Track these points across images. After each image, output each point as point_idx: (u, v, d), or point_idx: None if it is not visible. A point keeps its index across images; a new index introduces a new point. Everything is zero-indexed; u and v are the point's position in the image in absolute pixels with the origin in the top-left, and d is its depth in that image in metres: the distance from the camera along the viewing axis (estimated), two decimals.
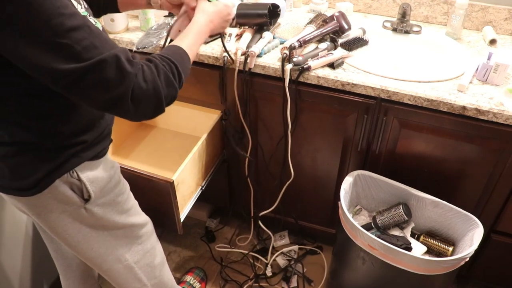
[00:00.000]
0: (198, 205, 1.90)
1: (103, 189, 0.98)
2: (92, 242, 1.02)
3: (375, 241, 1.20)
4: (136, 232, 1.11)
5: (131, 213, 1.09)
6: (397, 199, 1.41)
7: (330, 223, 1.74)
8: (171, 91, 0.85)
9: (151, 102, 0.81)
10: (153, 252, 1.18)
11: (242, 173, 1.70)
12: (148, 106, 0.81)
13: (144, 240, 1.14)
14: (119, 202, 1.04)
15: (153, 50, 1.46)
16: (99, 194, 0.97)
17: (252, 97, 1.47)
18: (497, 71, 1.26)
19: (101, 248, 1.04)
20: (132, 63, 0.77)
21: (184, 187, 1.42)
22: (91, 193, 0.94)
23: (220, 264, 1.83)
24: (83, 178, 0.92)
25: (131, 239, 1.10)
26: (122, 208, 1.05)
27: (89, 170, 0.94)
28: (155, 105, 0.82)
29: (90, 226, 1.00)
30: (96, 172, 0.96)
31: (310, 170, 1.59)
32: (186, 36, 0.98)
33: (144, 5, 1.19)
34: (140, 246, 1.13)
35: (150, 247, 1.16)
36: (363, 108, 1.34)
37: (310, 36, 1.37)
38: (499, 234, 1.46)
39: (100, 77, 0.73)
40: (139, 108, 0.79)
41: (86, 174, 0.93)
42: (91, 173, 0.94)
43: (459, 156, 1.33)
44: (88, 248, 1.03)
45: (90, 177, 0.94)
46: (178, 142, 1.78)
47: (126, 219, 1.06)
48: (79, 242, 1.01)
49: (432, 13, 1.63)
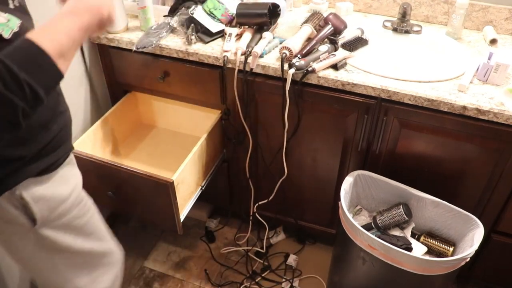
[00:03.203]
0: (198, 205, 1.90)
1: (55, 209, 0.87)
2: (46, 267, 0.93)
3: (375, 241, 1.20)
4: (97, 261, 1.01)
5: (93, 238, 0.98)
6: (397, 199, 1.41)
7: (330, 223, 1.74)
8: (4, 106, 0.61)
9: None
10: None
11: (242, 173, 1.70)
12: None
13: (104, 272, 1.03)
14: (77, 226, 0.93)
15: (153, 50, 1.46)
16: (50, 215, 0.87)
17: (252, 96, 1.47)
18: (498, 71, 1.26)
19: (57, 276, 0.95)
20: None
21: (184, 187, 1.42)
22: (35, 214, 0.84)
23: (220, 264, 1.83)
24: (26, 196, 0.82)
25: (90, 269, 1.00)
26: (80, 232, 0.94)
27: (34, 188, 0.83)
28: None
29: (43, 250, 0.90)
30: (43, 190, 0.84)
31: (310, 170, 1.59)
32: (50, 22, 0.71)
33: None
34: (100, 277, 1.02)
35: (109, 283, 1.05)
36: (363, 108, 1.34)
37: (308, 47, 1.36)
38: (500, 234, 1.46)
39: None
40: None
41: (30, 192, 0.82)
42: (36, 191, 0.83)
43: (460, 156, 1.33)
44: (43, 273, 0.94)
45: (35, 195, 0.83)
46: (178, 142, 1.78)
47: (84, 244, 0.96)
48: (34, 267, 0.92)
49: (432, 13, 1.63)
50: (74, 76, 1.57)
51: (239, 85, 1.44)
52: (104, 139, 1.63)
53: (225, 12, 1.50)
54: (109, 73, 1.68)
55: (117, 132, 1.71)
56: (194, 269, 1.82)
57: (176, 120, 1.80)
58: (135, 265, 1.84)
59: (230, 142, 1.64)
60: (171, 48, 1.45)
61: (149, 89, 1.64)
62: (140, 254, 1.88)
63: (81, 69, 1.59)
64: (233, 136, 1.61)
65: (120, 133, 1.73)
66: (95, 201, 1.36)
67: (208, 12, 1.48)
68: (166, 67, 1.52)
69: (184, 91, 1.56)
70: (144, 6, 1.48)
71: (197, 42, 1.47)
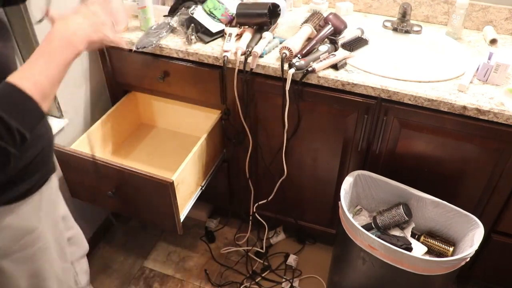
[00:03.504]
0: (198, 205, 1.90)
1: (18, 240, 0.81)
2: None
3: (376, 241, 1.20)
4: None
5: (46, 278, 0.90)
6: (398, 199, 1.41)
7: (330, 223, 1.74)
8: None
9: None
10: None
11: (242, 173, 1.70)
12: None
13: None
14: (37, 262, 0.86)
15: (153, 50, 1.46)
16: (12, 245, 0.81)
17: (252, 97, 1.47)
18: (498, 71, 1.26)
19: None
20: None
21: (184, 187, 1.42)
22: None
23: (220, 264, 1.83)
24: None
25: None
26: (36, 271, 0.86)
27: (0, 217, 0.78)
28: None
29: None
30: (10, 220, 0.79)
31: (310, 170, 1.59)
32: (31, 64, 0.69)
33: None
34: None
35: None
36: (363, 108, 1.34)
37: (308, 47, 1.36)
38: (500, 234, 1.46)
39: None
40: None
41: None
42: (3, 220, 0.78)
43: (460, 156, 1.33)
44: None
45: (1, 225, 0.78)
46: (178, 142, 1.78)
47: (39, 285, 0.88)
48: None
49: (432, 13, 1.63)
50: (74, 76, 1.57)
51: (239, 85, 1.44)
52: (104, 139, 1.63)
53: (225, 12, 1.50)
54: (109, 73, 1.68)
55: (117, 132, 1.71)
56: (194, 269, 1.82)
57: (176, 120, 1.80)
58: (135, 265, 1.84)
59: (230, 142, 1.64)
60: (171, 48, 1.45)
61: (149, 89, 1.64)
62: (140, 254, 1.88)
63: (81, 69, 1.59)
64: (233, 136, 1.61)
65: (120, 133, 1.73)
66: (95, 201, 1.36)
67: (208, 12, 1.48)
68: (166, 67, 1.52)
69: (184, 91, 1.56)
70: (144, 6, 1.48)
71: (197, 42, 1.47)
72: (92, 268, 1.82)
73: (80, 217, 1.76)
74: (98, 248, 1.90)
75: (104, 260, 1.86)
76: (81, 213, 1.75)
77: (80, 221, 1.77)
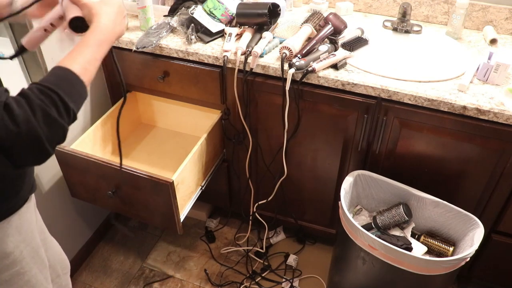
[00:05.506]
0: (198, 205, 1.90)
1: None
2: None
3: (376, 241, 1.20)
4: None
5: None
6: (398, 199, 1.41)
7: (330, 223, 1.74)
8: (55, 130, 0.66)
9: (27, 148, 0.64)
10: None
11: (242, 173, 1.70)
12: (25, 153, 0.65)
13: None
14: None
15: (153, 50, 1.46)
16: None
17: (252, 96, 1.47)
18: (498, 71, 1.25)
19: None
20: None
21: (184, 187, 1.42)
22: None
23: (220, 264, 1.83)
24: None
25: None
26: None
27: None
28: (34, 151, 0.65)
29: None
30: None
31: (310, 170, 1.59)
32: (81, 52, 0.74)
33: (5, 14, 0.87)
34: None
35: None
36: (363, 108, 1.34)
37: (308, 47, 1.36)
38: (500, 234, 1.46)
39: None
40: (13, 156, 0.64)
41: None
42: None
43: (460, 156, 1.33)
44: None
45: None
46: (178, 142, 1.78)
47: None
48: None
49: (432, 13, 1.63)
50: None
51: (239, 85, 1.44)
52: (104, 139, 1.63)
53: (225, 12, 1.50)
54: (109, 73, 1.68)
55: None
56: (194, 269, 1.82)
57: (176, 120, 1.80)
58: (135, 265, 1.84)
59: (230, 142, 1.64)
60: (171, 48, 1.45)
61: (149, 89, 1.64)
62: (140, 254, 1.88)
63: None
64: (233, 136, 1.61)
65: (120, 132, 1.73)
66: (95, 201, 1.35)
67: (208, 12, 1.48)
68: (166, 67, 1.52)
69: (184, 91, 1.56)
70: (144, 6, 1.48)
71: (197, 42, 1.47)
72: (92, 268, 1.83)
73: (80, 217, 1.76)
74: (98, 248, 1.90)
75: (104, 260, 1.86)
76: (81, 213, 1.75)
77: (80, 221, 1.78)
